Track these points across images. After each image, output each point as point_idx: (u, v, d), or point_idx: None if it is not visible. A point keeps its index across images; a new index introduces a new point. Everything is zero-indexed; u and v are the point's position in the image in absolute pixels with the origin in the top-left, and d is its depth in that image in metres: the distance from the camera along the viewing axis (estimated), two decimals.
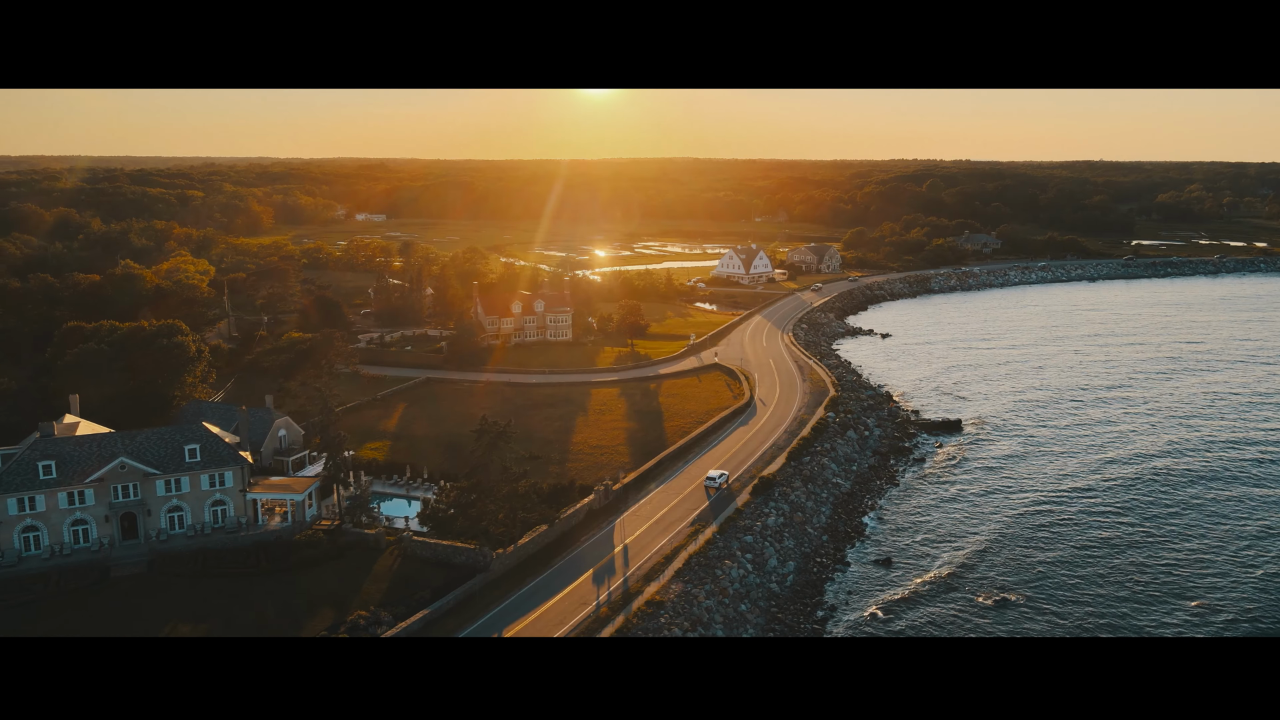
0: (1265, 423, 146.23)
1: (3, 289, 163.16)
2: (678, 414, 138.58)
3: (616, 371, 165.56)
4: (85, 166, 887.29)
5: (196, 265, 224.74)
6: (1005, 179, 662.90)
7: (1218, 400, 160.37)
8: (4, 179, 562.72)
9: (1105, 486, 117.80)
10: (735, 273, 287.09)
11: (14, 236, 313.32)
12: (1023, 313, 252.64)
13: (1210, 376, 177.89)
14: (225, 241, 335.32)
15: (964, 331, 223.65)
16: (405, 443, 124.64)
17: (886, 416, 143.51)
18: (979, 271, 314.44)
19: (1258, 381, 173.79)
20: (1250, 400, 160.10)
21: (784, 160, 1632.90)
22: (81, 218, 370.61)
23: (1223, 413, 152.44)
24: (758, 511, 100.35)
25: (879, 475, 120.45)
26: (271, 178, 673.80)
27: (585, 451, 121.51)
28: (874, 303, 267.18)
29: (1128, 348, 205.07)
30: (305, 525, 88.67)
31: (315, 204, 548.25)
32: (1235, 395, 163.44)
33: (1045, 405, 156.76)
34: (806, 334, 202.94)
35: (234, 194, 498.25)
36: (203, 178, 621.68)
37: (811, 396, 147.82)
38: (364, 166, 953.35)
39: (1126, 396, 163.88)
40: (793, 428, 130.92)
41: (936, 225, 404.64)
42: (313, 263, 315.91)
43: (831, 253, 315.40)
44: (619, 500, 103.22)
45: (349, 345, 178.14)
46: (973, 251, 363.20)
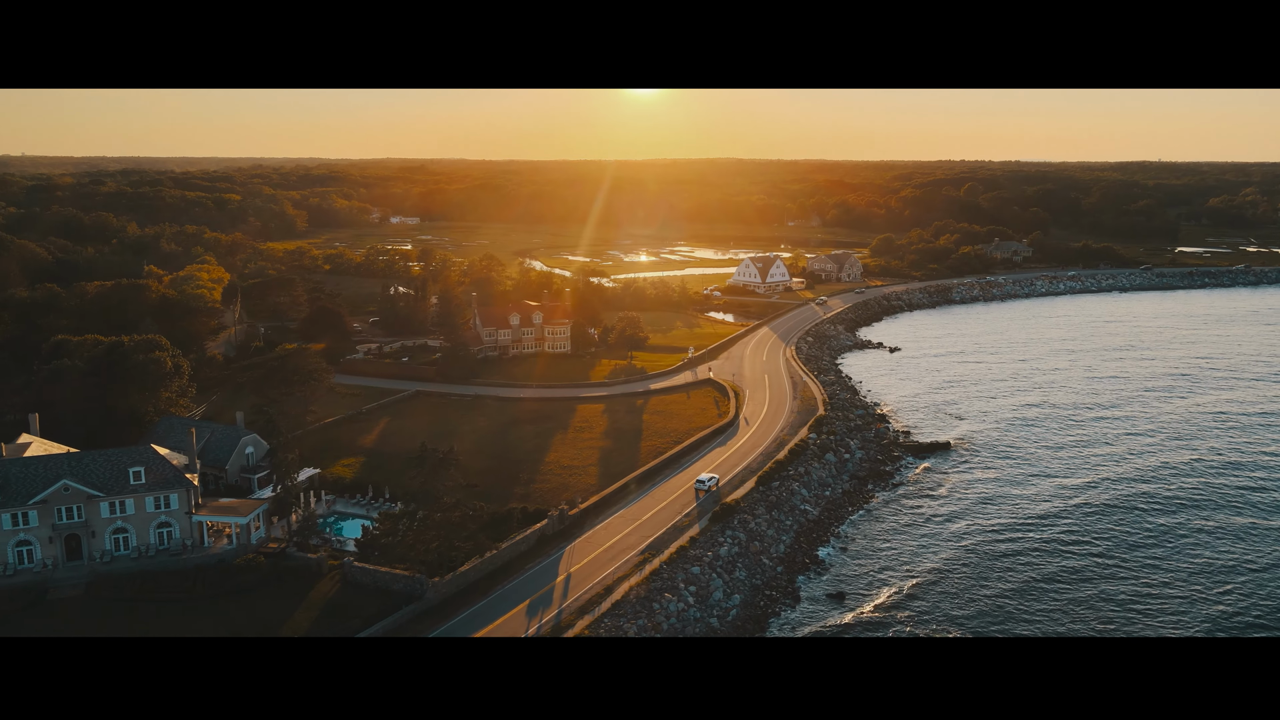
0: (1264, 446, 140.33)
1: (9, 298, 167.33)
2: (658, 433, 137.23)
3: (606, 386, 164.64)
4: (136, 168, 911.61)
5: (210, 273, 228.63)
6: (1047, 182, 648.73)
7: (1222, 420, 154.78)
8: (56, 180, 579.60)
9: (1080, 513, 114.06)
10: (751, 281, 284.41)
11: (50, 240, 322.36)
12: (1041, 325, 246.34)
13: (1219, 394, 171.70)
14: (252, 246, 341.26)
15: (976, 345, 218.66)
16: (378, 459, 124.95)
17: (872, 438, 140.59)
18: (1004, 281, 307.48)
19: (1268, 401, 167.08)
20: (1256, 421, 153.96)
21: (828, 161, 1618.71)
22: (119, 221, 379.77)
23: (1223, 434, 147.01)
24: (711, 540, 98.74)
25: (852, 501, 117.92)
26: (313, 180, 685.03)
27: (555, 471, 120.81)
28: (890, 314, 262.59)
29: (1142, 363, 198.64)
30: (251, 548, 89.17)
31: (351, 207, 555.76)
32: (1241, 416, 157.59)
33: (1042, 424, 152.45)
34: (810, 348, 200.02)
35: (270, 197, 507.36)
36: (244, 180, 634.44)
37: (798, 416, 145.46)
38: (405, 169, 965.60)
39: (1129, 415, 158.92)
40: (770, 449, 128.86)
41: (967, 232, 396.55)
42: (335, 268, 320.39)
43: (852, 261, 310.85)
44: (575, 525, 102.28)
45: (345, 356, 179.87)
46: (1002, 260, 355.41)
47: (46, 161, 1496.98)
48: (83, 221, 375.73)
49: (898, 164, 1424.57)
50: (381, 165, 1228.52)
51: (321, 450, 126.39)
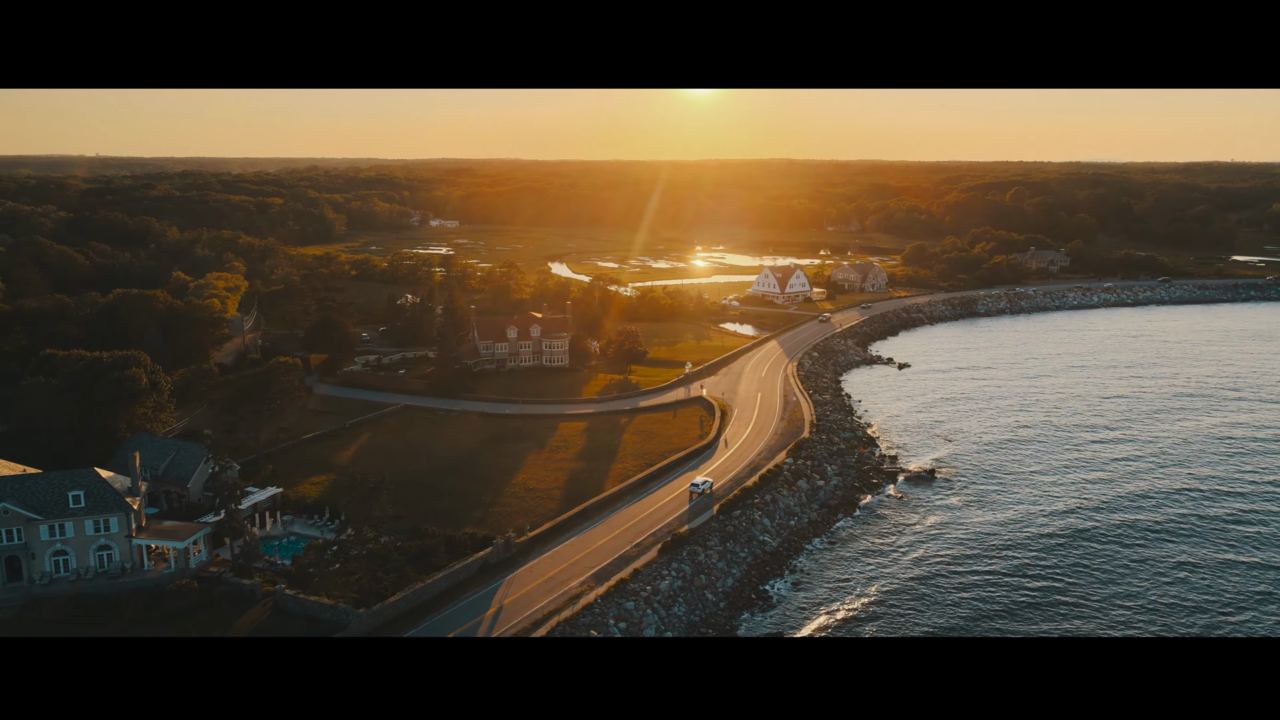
0: (1265, 474, 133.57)
1: (19, 309, 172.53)
2: (633, 454, 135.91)
3: (594, 403, 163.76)
4: (197, 169, 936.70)
5: (228, 281, 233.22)
6: (1100, 186, 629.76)
7: (1227, 445, 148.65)
8: (114, 183, 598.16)
9: (1047, 548, 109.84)
10: (770, 291, 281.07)
11: (91, 245, 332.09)
12: (1063, 340, 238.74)
13: (1232, 417, 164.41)
14: (283, 252, 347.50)
15: (989, 361, 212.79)
16: (349, 478, 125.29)
17: (853, 463, 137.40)
18: (1033, 293, 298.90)
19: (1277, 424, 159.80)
20: (1263, 446, 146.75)
21: (882, 162, 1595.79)
22: (161, 225, 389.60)
23: (1223, 461, 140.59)
24: (655, 573, 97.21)
25: (816, 531, 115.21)
26: (359, 183, 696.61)
27: (519, 493, 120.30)
28: (908, 327, 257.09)
29: (1159, 381, 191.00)
30: (190, 572, 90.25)
31: (392, 210, 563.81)
32: (1250, 440, 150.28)
33: (1034, 448, 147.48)
34: (814, 364, 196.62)
35: (312, 201, 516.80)
36: (293, 183, 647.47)
37: (781, 438, 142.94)
38: (451, 171, 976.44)
39: (1130, 436, 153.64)
40: (742, 474, 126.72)
41: (1004, 240, 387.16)
42: (361, 274, 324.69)
43: (876, 271, 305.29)
44: (523, 553, 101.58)
45: (342, 368, 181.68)
46: (1037, 270, 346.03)
47: (115, 162, 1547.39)
48: (128, 225, 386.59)
49: (951, 165, 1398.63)
50: (432, 166, 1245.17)
51: (294, 467, 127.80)
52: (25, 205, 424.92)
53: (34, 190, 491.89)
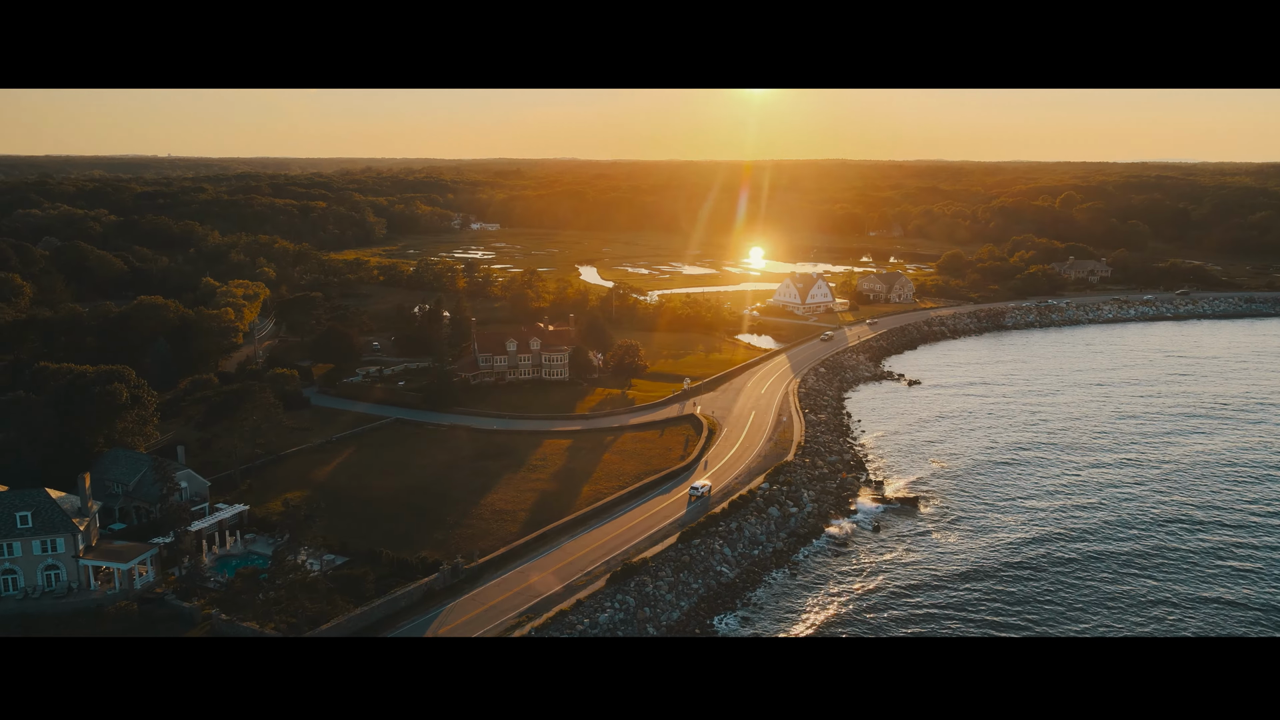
0: (1260, 503, 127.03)
1: (33, 319, 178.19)
2: (609, 475, 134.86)
3: (584, 419, 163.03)
4: (260, 170, 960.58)
5: (247, 288, 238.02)
6: (1156, 190, 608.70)
7: (1232, 469, 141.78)
8: (175, 185, 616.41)
9: (1024, 579, 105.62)
10: (791, 302, 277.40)
11: (133, 250, 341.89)
12: (1089, 356, 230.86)
13: (1246, 439, 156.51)
14: (315, 257, 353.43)
15: (1006, 377, 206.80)
16: (324, 495, 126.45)
17: (833, 488, 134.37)
18: (1065, 305, 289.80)
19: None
20: (1269, 473, 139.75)
21: (939, 162, 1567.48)
22: (203, 229, 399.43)
23: (1227, 487, 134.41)
24: (598, 605, 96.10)
25: (780, 563, 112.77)
26: (405, 186, 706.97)
27: (484, 515, 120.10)
28: (928, 341, 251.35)
29: (1178, 399, 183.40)
30: (134, 593, 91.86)
31: (433, 213, 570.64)
32: (1258, 466, 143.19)
33: (1032, 473, 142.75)
34: (819, 380, 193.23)
35: (354, 204, 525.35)
36: (341, 185, 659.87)
37: (763, 460, 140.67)
38: (500, 173, 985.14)
39: (1134, 460, 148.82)
40: (716, 498, 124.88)
41: (1045, 249, 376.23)
42: (389, 279, 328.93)
43: (902, 281, 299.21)
44: (471, 579, 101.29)
45: (342, 379, 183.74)
46: (1076, 280, 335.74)
47: (184, 163, 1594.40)
48: (172, 230, 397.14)
49: (1010, 166, 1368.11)
50: (484, 167, 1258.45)
51: (272, 483, 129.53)
52: (79, 209, 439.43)
53: (91, 194, 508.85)
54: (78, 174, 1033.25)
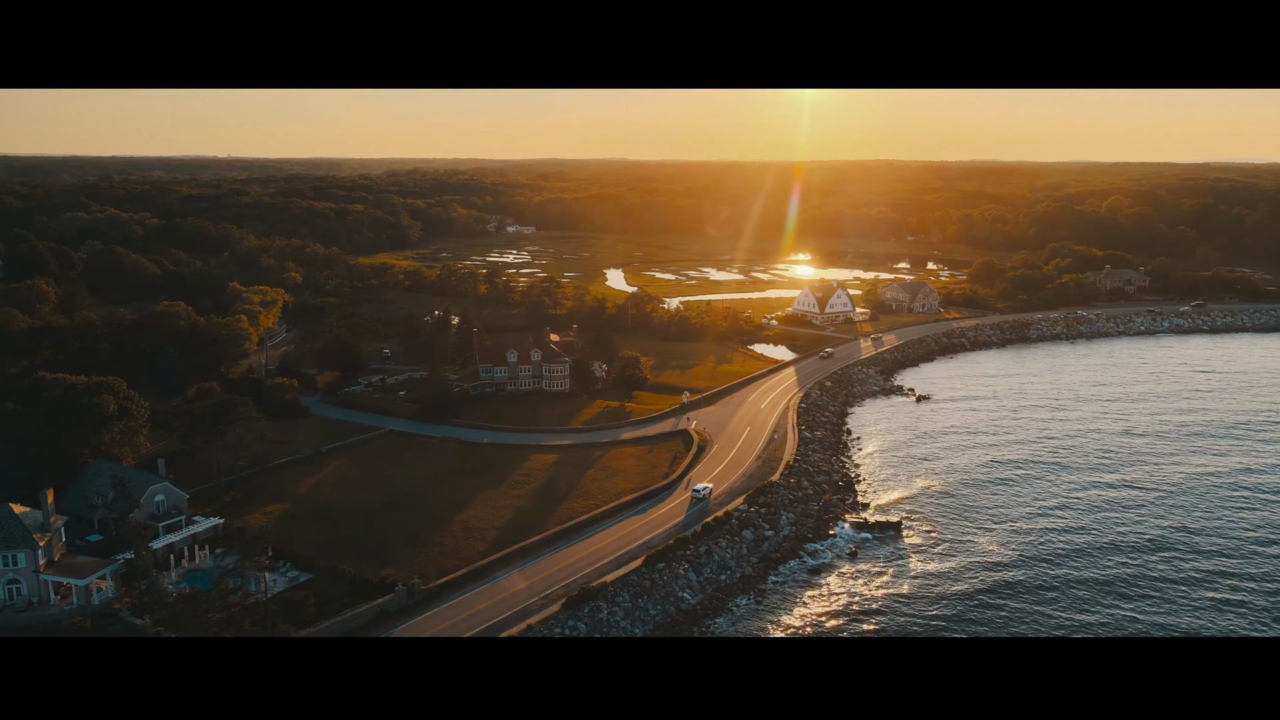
0: (1257, 529, 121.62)
1: (46, 326, 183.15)
2: (589, 492, 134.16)
3: (576, 433, 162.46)
4: (311, 171, 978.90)
5: (265, 295, 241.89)
6: (1209, 195, 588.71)
7: (1234, 492, 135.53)
8: (216, 190, 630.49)
9: (998, 607, 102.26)
10: (809, 311, 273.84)
11: (170, 253, 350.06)
12: (1108, 370, 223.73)
13: (1252, 461, 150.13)
14: (344, 261, 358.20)
15: (1017, 392, 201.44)
16: (302, 508, 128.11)
17: (815, 510, 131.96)
18: (1094, 317, 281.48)
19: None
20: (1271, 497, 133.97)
21: (990, 162, 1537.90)
22: (240, 233, 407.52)
23: (1227, 510, 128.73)
24: (547, 631, 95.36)
25: (746, 588, 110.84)
26: (446, 187, 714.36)
27: (456, 533, 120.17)
28: (947, 353, 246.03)
29: (1189, 419, 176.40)
30: (91, 609, 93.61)
31: (469, 216, 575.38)
32: (1262, 489, 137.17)
33: (1029, 491, 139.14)
34: (822, 395, 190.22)
35: (391, 208, 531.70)
36: (382, 187, 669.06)
37: (747, 480, 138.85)
38: (541, 175, 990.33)
39: (1134, 482, 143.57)
40: (689, 520, 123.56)
41: (1082, 256, 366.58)
42: (414, 285, 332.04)
43: (926, 291, 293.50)
44: (425, 601, 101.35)
45: (344, 389, 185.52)
46: (1111, 290, 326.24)
47: (240, 163, 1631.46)
48: (210, 233, 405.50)
49: (1064, 166, 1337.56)
50: (528, 168, 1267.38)
51: (254, 495, 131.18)
52: (125, 212, 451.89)
53: (139, 196, 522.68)
54: (139, 175, 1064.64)
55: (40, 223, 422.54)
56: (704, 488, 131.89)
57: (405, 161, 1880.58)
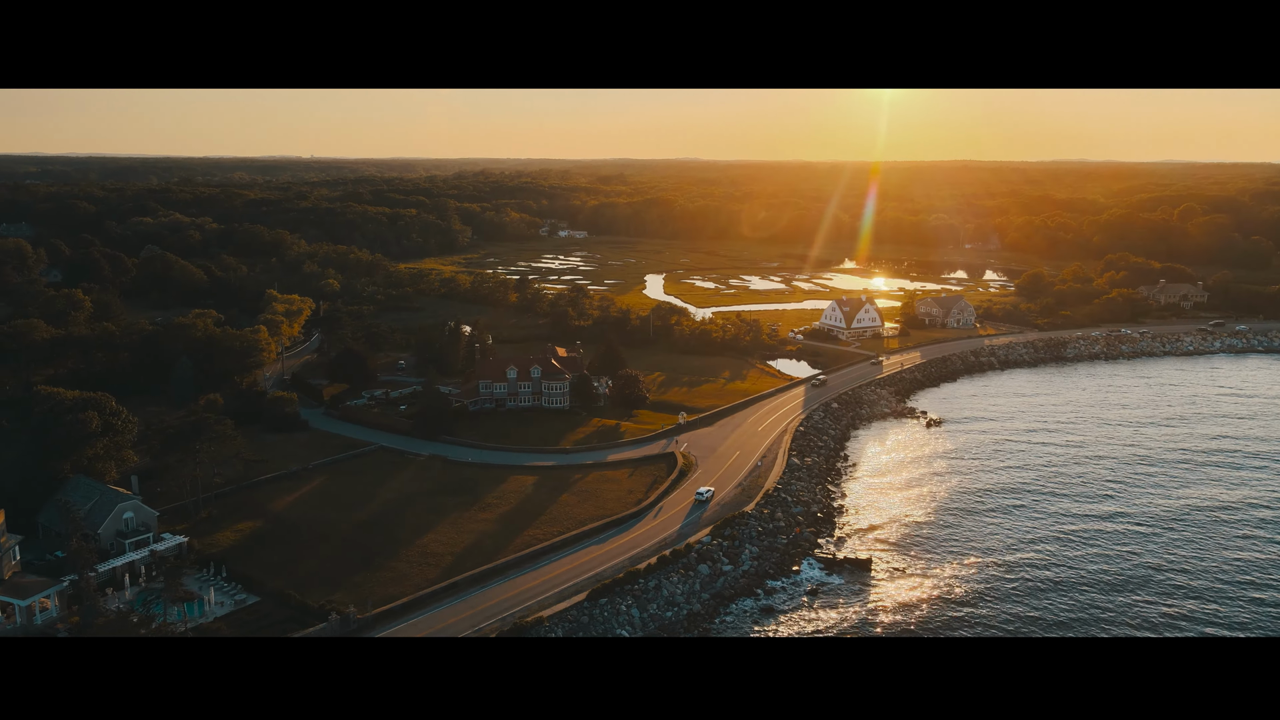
0: (1242, 568, 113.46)
1: (67, 337, 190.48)
2: (556, 518, 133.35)
3: (563, 453, 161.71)
4: (389, 173, 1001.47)
5: (291, 304, 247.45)
6: None
7: (1233, 525, 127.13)
8: (285, 194, 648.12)
9: None
10: (835, 326, 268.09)
11: (218, 258, 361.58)
12: (1141, 394, 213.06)
13: (1263, 492, 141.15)
14: (385, 267, 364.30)
15: (1039, 416, 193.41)
16: (274, 526, 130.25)
17: (783, 544, 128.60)
18: (1139, 335, 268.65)
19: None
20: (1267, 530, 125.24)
21: (1073, 163, 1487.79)
22: (291, 238, 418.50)
23: (1217, 546, 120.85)
24: None
25: (690, 628, 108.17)
26: (503, 191, 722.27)
27: (412, 557, 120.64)
28: (972, 373, 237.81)
29: (1212, 442, 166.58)
30: (34, 629, 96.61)
31: (521, 220, 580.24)
32: (1260, 521, 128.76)
33: (1016, 527, 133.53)
34: (826, 417, 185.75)
35: (443, 213, 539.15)
36: (440, 191, 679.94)
37: (720, 509, 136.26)
38: (603, 178, 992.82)
39: (1128, 511, 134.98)
40: (648, 551, 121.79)
41: (1139, 269, 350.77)
42: (449, 292, 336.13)
43: (961, 305, 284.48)
44: (360, 630, 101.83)
45: (346, 401, 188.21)
46: (1166, 306, 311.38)
47: (319, 164, 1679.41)
48: (264, 238, 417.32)
49: (1148, 167, 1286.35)
50: (593, 169, 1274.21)
51: (231, 511, 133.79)
52: (188, 216, 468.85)
53: (205, 200, 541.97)
54: (221, 176, 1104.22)
55: (109, 227, 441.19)
56: (707, 490, 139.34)
57: (477, 162, 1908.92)
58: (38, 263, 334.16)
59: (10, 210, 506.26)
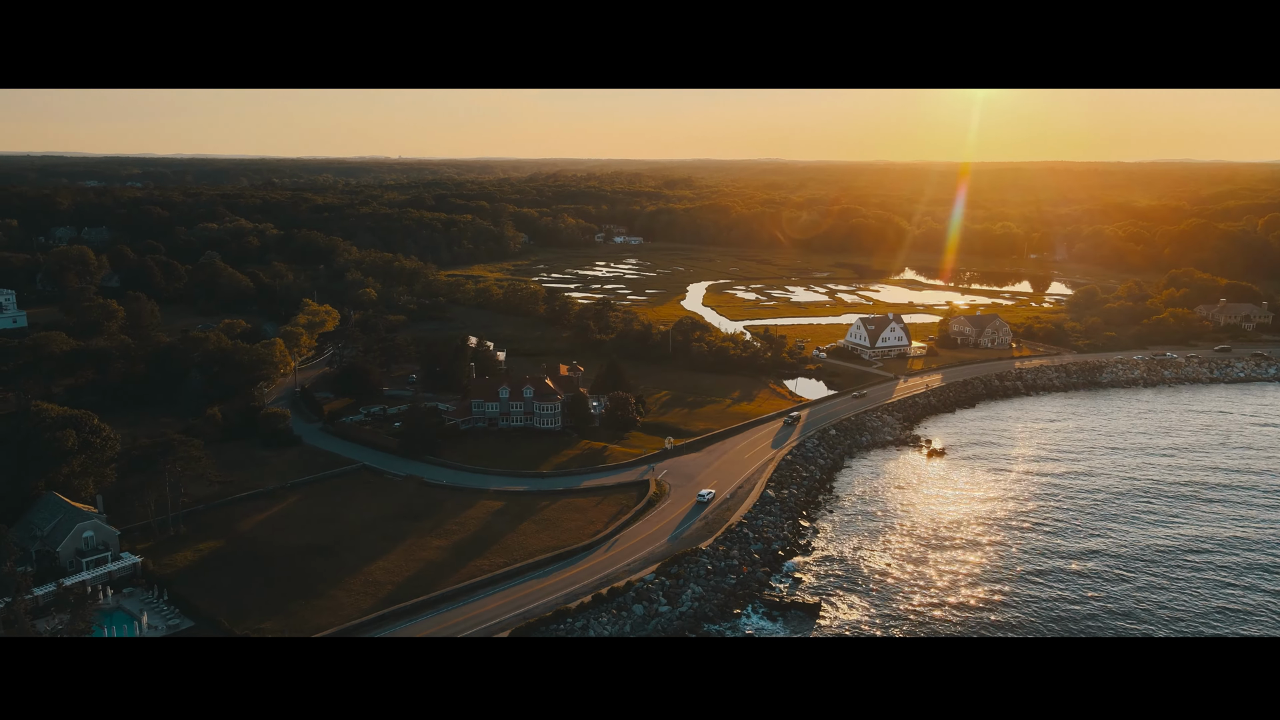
0: None
1: (83, 349, 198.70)
2: (510, 548, 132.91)
3: (535, 479, 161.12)
4: (452, 179, 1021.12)
5: (314, 315, 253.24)
6: None
7: (1217, 569, 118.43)
8: (353, 198, 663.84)
9: None
10: (859, 345, 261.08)
11: (270, 266, 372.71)
12: (1166, 420, 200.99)
13: (1261, 530, 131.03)
14: (425, 276, 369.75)
15: (1050, 445, 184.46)
16: (234, 548, 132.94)
17: (730, 585, 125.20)
18: (1184, 360, 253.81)
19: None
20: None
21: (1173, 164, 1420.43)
22: (345, 245, 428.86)
23: (1197, 591, 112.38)
24: None
25: None
26: (565, 195, 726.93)
27: (355, 586, 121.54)
28: (995, 398, 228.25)
29: (1225, 476, 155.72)
30: None
31: (576, 226, 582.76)
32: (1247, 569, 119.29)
33: (983, 564, 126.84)
34: (821, 444, 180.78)
35: (495, 219, 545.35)
36: (502, 195, 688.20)
37: (676, 543, 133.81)
38: (669, 181, 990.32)
39: (1107, 548, 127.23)
40: (589, 587, 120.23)
41: (1203, 286, 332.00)
42: (482, 302, 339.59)
43: (996, 325, 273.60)
44: None
45: (342, 418, 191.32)
46: (1225, 327, 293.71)
47: (403, 165, 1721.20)
48: (319, 244, 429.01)
49: (1247, 168, 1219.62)
50: (666, 171, 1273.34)
51: (198, 530, 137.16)
52: (251, 222, 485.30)
53: (272, 206, 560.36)
54: (306, 178, 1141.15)
55: (178, 233, 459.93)
56: (708, 492, 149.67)
57: (556, 163, 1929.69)
58: (99, 269, 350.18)
59: (95, 215, 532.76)
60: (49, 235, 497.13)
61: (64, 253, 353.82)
